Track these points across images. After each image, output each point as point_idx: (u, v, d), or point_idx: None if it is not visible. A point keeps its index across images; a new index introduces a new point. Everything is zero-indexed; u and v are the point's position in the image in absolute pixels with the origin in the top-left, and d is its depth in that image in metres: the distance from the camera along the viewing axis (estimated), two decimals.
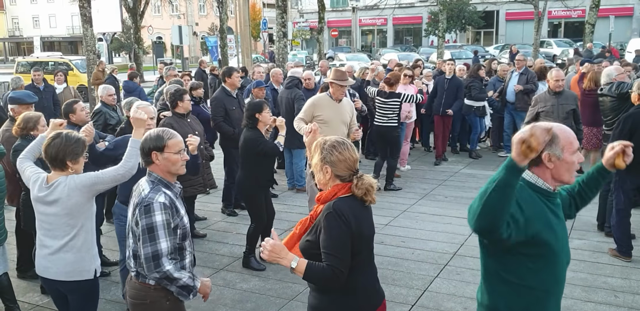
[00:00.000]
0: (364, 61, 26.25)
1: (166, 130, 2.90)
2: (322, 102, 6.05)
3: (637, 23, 38.07)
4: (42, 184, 3.30)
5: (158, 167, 2.87)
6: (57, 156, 3.23)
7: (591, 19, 18.84)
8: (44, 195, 3.29)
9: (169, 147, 2.84)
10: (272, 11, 35.67)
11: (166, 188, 2.86)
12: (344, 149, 2.59)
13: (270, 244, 2.44)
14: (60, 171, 3.29)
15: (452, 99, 9.09)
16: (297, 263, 2.44)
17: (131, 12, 29.04)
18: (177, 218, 2.83)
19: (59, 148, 3.22)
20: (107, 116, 6.78)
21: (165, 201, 2.76)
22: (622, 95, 5.55)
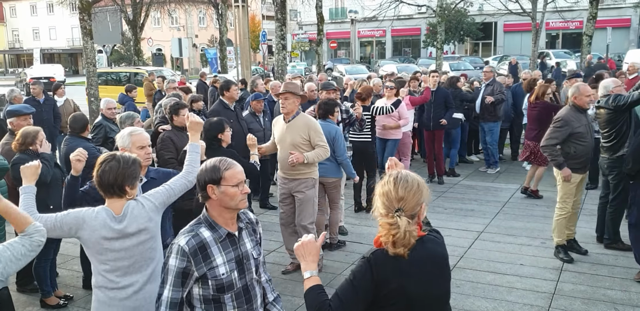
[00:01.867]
0: (363, 72, 26.38)
1: (223, 160, 2.55)
2: (277, 122, 5.60)
3: (635, 34, 38.30)
4: (111, 218, 2.85)
5: (215, 202, 2.51)
6: (116, 182, 2.85)
7: (588, 31, 18.94)
8: (122, 228, 2.86)
9: (226, 180, 2.48)
10: (271, 23, 35.92)
11: (208, 228, 2.51)
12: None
13: (309, 241, 2.30)
14: (118, 199, 2.89)
15: (441, 111, 8.77)
16: (310, 275, 2.27)
17: (131, 24, 29.22)
18: (204, 266, 2.44)
19: (117, 172, 2.84)
20: (108, 129, 6.80)
21: (187, 246, 2.42)
22: (619, 107, 5.57)
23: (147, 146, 3.62)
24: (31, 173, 3.05)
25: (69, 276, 5.60)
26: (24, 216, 2.51)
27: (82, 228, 2.82)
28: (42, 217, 2.81)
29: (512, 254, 5.87)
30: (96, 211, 2.85)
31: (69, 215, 2.84)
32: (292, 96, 5.28)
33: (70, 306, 4.93)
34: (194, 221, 2.57)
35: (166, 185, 3.14)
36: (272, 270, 5.52)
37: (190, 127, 3.48)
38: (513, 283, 5.16)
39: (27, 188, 3.03)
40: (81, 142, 5.31)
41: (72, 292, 5.17)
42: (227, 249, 2.51)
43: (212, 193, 2.49)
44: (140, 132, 3.64)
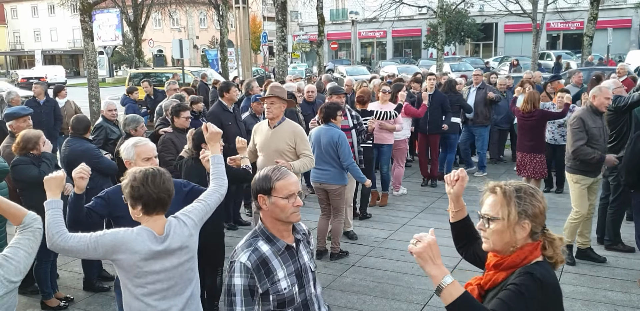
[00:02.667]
0: (364, 73, 26.38)
1: (277, 169, 2.40)
2: (259, 128, 5.36)
3: (636, 35, 38.29)
4: (152, 240, 2.62)
5: (267, 213, 2.40)
6: (160, 197, 2.61)
7: (589, 31, 18.96)
8: (165, 247, 2.64)
9: (277, 190, 2.36)
10: (272, 24, 35.94)
11: (266, 241, 2.39)
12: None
13: (434, 241, 1.94)
14: (158, 217, 2.66)
15: (438, 115, 8.57)
16: (452, 280, 1.88)
17: (132, 25, 29.28)
18: (267, 282, 2.33)
19: (162, 187, 2.61)
20: (108, 130, 6.83)
21: (249, 261, 2.29)
22: (620, 109, 5.58)
23: (153, 157, 3.38)
24: (56, 185, 2.72)
25: (70, 277, 5.61)
26: (18, 207, 2.45)
27: (120, 250, 2.56)
28: (74, 237, 2.56)
29: None
30: (136, 233, 2.60)
31: (105, 237, 2.57)
32: (278, 101, 5.04)
33: (71, 308, 4.94)
34: (250, 234, 2.44)
35: (202, 201, 2.93)
36: None
37: (210, 138, 3.26)
38: None
39: (53, 203, 2.68)
40: (83, 143, 5.33)
41: (72, 294, 5.18)
42: (287, 262, 2.40)
43: (262, 203, 2.39)
44: (145, 143, 3.39)
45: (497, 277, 2.05)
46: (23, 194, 4.81)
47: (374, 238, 6.50)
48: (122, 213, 3.05)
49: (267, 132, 5.12)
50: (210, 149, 3.28)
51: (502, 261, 2.04)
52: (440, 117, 8.58)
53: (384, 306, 4.81)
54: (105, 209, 3.26)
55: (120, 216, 3.14)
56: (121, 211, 3.05)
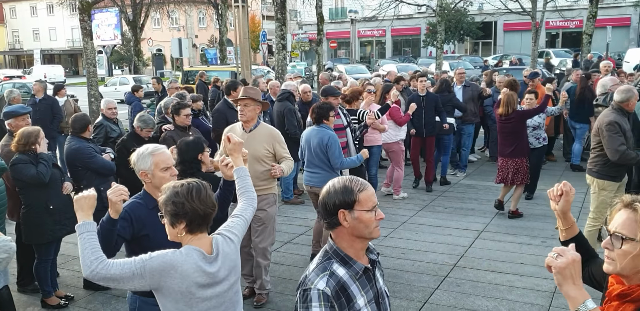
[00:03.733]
0: (363, 72, 26.37)
1: (355, 179, 2.12)
2: (232, 131, 4.83)
3: (635, 33, 38.28)
4: (203, 260, 2.34)
5: (346, 230, 2.07)
6: (207, 213, 2.35)
7: (588, 30, 18.95)
8: (218, 268, 2.38)
9: (361, 203, 2.05)
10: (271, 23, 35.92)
11: (342, 264, 2.06)
12: None
13: (578, 257, 1.71)
14: (202, 233, 2.40)
15: (433, 117, 8.32)
16: (594, 307, 1.67)
17: (131, 25, 29.24)
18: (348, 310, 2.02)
19: (207, 202, 2.35)
20: (108, 129, 6.85)
21: (328, 288, 1.98)
22: None
23: (172, 167, 3.02)
24: (89, 206, 2.42)
25: (70, 276, 5.61)
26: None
27: (169, 275, 2.26)
28: (116, 263, 2.26)
29: (512, 253, 5.86)
30: (185, 253, 2.31)
31: (152, 260, 2.27)
32: (252, 103, 4.73)
33: (71, 306, 4.94)
34: (320, 256, 2.12)
35: (240, 216, 2.70)
36: (273, 270, 5.53)
37: (233, 149, 3.00)
38: (513, 282, 5.16)
39: (87, 225, 2.37)
40: (78, 142, 5.31)
41: (73, 292, 5.18)
42: (365, 287, 2.10)
43: (343, 219, 2.05)
44: (163, 151, 3.02)
45: (623, 310, 1.80)
46: (22, 193, 4.81)
47: None
48: (146, 232, 2.86)
49: (243, 137, 4.64)
50: (233, 161, 3.01)
51: (631, 292, 1.78)
52: (434, 118, 8.35)
53: None
54: (129, 230, 2.85)
55: (143, 235, 2.87)
56: (146, 230, 2.85)
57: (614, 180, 5.24)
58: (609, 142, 5.08)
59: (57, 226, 4.84)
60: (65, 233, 4.95)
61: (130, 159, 3.04)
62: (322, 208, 2.10)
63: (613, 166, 5.18)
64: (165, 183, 2.76)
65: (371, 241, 2.12)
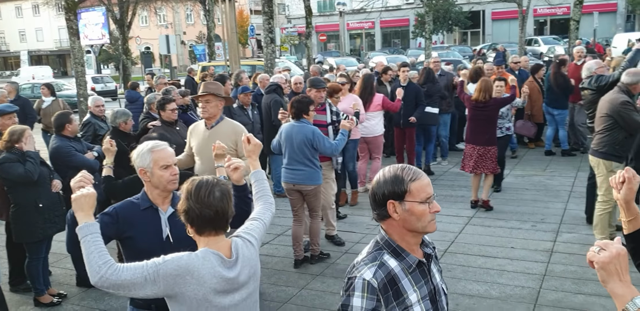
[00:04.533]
0: (353, 64, 26.33)
1: (407, 168, 1.96)
2: (195, 129, 4.78)
3: (621, 18, 38.40)
4: (221, 264, 2.15)
5: (396, 223, 1.93)
6: (225, 213, 2.18)
7: (575, 16, 18.99)
8: (235, 276, 2.19)
9: (412, 194, 1.89)
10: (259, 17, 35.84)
11: (394, 256, 1.92)
12: None
13: (623, 251, 1.56)
14: (219, 236, 2.22)
15: (413, 108, 8.15)
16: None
17: (118, 23, 29.03)
18: (396, 306, 1.87)
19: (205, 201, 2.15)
20: (97, 126, 6.83)
21: (374, 279, 1.84)
22: (601, 88, 5.62)
23: (172, 165, 2.77)
24: (89, 205, 2.23)
25: (62, 274, 5.61)
26: None
27: (185, 281, 2.08)
28: (127, 268, 2.09)
29: (502, 238, 5.91)
30: (202, 257, 2.12)
31: (166, 264, 2.08)
32: (214, 99, 4.59)
33: (64, 304, 4.94)
34: (371, 246, 1.98)
35: (259, 220, 2.52)
36: (266, 262, 5.55)
37: (253, 151, 2.83)
38: (504, 265, 5.20)
39: (90, 227, 2.18)
40: (62, 141, 5.26)
41: (65, 290, 5.18)
42: (419, 282, 1.94)
43: (393, 211, 1.91)
44: (164, 148, 2.79)
45: None
46: (10, 192, 4.80)
47: (366, 225, 6.53)
48: (132, 233, 2.67)
49: (204, 134, 4.58)
50: (251, 163, 2.82)
51: None
52: (414, 109, 8.17)
53: None
54: (113, 228, 2.64)
55: (130, 236, 2.68)
56: (132, 231, 2.67)
57: (620, 161, 5.22)
58: (630, 119, 5.11)
59: (47, 225, 4.83)
60: (56, 231, 4.94)
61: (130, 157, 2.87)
62: (371, 198, 1.96)
63: (620, 146, 5.19)
64: (164, 182, 2.70)
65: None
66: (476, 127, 6.73)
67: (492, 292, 4.69)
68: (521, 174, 8.50)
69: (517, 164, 9.14)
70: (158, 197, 2.75)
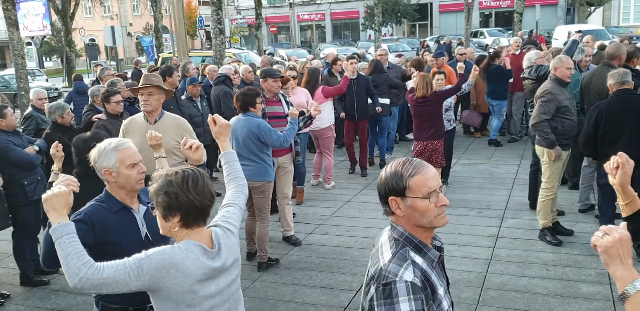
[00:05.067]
0: (304, 56, 26.29)
1: (409, 161, 1.90)
2: (132, 125, 4.52)
3: (562, 11, 39.76)
4: (205, 255, 2.13)
5: (402, 219, 1.89)
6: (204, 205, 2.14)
7: (519, 8, 19.63)
8: (222, 263, 2.19)
9: (412, 190, 1.84)
10: (208, 9, 35.26)
11: (416, 251, 1.87)
12: None
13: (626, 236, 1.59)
14: (199, 227, 2.18)
15: (366, 100, 8.02)
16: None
17: (60, 14, 28.00)
18: (433, 304, 1.82)
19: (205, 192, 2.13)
20: (39, 120, 6.60)
21: (416, 279, 1.77)
22: (540, 77, 5.84)
23: (139, 163, 2.70)
24: (62, 204, 2.13)
25: (5, 274, 5.42)
26: None
27: (169, 274, 2.05)
28: (108, 266, 2.03)
29: (450, 225, 5.98)
30: (185, 249, 2.09)
31: (150, 259, 2.04)
32: (156, 91, 4.37)
33: (7, 304, 4.78)
34: (392, 244, 1.89)
35: (234, 204, 2.45)
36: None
37: (220, 132, 2.68)
38: (452, 251, 5.34)
39: (65, 227, 2.09)
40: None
41: (9, 290, 5.00)
42: (440, 276, 1.93)
43: (396, 207, 1.87)
44: (129, 146, 2.70)
45: None
46: None
47: (319, 216, 6.58)
48: (110, 238, 2.57)
49: (146, 130, 4.13)
50: (220, 145, 2.71)
51: None
52: (366, 102, 8.07)
53: (329, 280, 4.90)
54: (90, 234, 2.50)
55: (108, 241, 2.57)
56: (110, 236, 2.57)
57: (564, 149, 5.33)
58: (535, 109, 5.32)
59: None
60: None
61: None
62: (378, 194, 1.92)
63: (559, 135, 5.28)
64: (132, 181, 2.62)
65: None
66: (422, 123, 6.62)
67: None
68: (468, 162, 8.73)
69: (464, 153, 9.37)
70: (126, 197, 2.69)
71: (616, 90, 4.80)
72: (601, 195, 4.97)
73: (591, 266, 4.88)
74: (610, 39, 22.38)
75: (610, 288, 4.48)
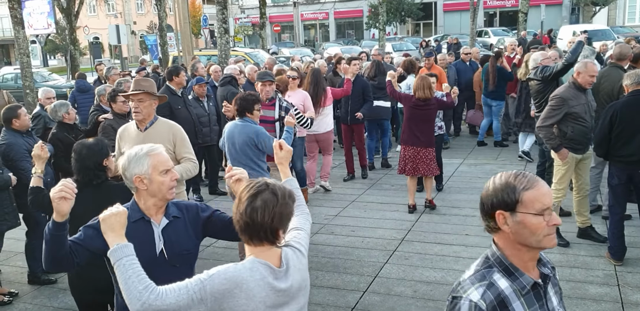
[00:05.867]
0: (308, 55, 26.28)
1: (521, 174, 1.76)
2: (125, 133, 4.33)
3: (567, 11, 39.65)
4: (272, 275, 1.98)
5: (507, 236, 1.74)
6: (271, 224, 1.97)
7: (524, 8, 19.59)
8: (289, 286, 2.02)
9: (525, 205, 1.69)
10: (212, 7, 35.27)
11: (505, 275, 1.74)
12: None
13: None
14: (268, 246, 2.02)
15: (360, 104, 7.81)
16: None
17: (65, 12, 28.03)
18: None
19: (274, 210, 1.97)
20: (47, 119, 6.64)
21: (482, 301, 1.67)
22: (546, 78, 5.84)
23: (171, 169, 2.51)
24: (120, 224, 2.08)
25: (13, 272, 5.43)
26: None
27: (233, 296, 1.90)
28: (170, 290, 1.91)
29: (457, 226, 6.07)
30: (249, 267, 1.95)
31: (212, 279, 1.90)
32: (147, 97, 4.14)
33: (16, 303, 4.80)
34: (480, 262, 1.80)
35: (303, 230, 2.30)
36: (224, 254, 5.52)
37: (283, 157, 2.56)
38: (459, 252, 5.34)
39: (124, 249, 2.02)
40: (14, 137, 5.00)
41: (17, 288, 5.02)
42: (532, 306, 1.75)
43: (503, 222, 1.73)
44: (161, 151, 2.51)
45: None
46: None
47: (324, 216, 6.57)
48: None
49: (138, 137, 4.15)
50: (281, 170, 2.59)
51: None
52: (361, 105, 7.84)
53: (336, 280, 4.90)
54: (99, 243, 2.31)
55: None
56: None
57: (577, 153, 5.26)
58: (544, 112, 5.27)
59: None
60: (7, 228, 4.78)
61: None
62: (480, 207, 1.80)
63: (569, 139, 5.21)
64: (165, 189, 2.44)
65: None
66: (412, 126, 6.34)
67: (448, 278, 4.81)
68: (474, 162, 8.72)
69: (470, 153, 9.37)
70: (153, 207, 2.48)
71: (632, 90, 4.78)
72: (612, 196, 4.95)
73: (599, 268, 4.87)
74: (615, 39, 22.34)
75: (618, 290, 4.48)
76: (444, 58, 10.30)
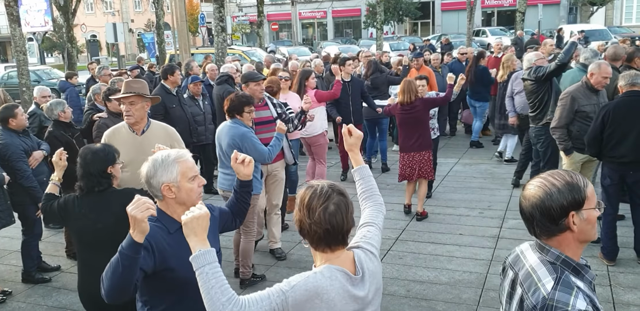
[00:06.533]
0: (306, 54, 26.29)
1: (571, 173, 1.77)
2: (116, 137, 4.07)
3: (564, 10, 39.70)
4: (348, 279, 1.92)
5: (571, 236, 1.75)
6: (348, 224, 1.94)
7: (521, 8, 19.58)
8: (365, 295, 1.96)
9: (590, 200, 1.73)
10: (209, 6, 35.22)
11: (575, 274, 1.74)
12: None
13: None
14: (341, 249, 1.96)
15: (360, 103, 7.74)
16: None
17: (62, 10, 27.93)
18: None
19: (348, 211, 1.96)
20: (42, 117, 6.60)
21: (589, 307, 1.64)
22: (539, 78, 5.85)
23: (199, 175, 2.46)
24: (203, 228, 1.94)
25: (7, 271, 5.43)
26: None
27: (313, 306, 1.85)
28: (253, 301, 1.83)
29: (451, 225, 6.08)
30: (328, 276, 1.88)
31: (295, 290, 1.84)
32: (139, 100, 4.00)
33: (9, 301, 4.80)
34: (548, 269, 1.75)
35: (374, 224, 2.24)
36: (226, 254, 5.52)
37: (353, 143, 2.46)
38: (453, 252, 5.36)
39: (207, 256, 1.88)
40: (11, 138, 4.98)
41: (10, 287, 5.02)
42: (598, 298, 1.80)
43: (571, 222, 1.72)
44: (188, 157, 2.43)
45: None
46: None
47: None
48: (170, 265, 2.31)
49: (134, 142, 4.00)
50: (352, 158, 2.47)
51: None
52: (362, 104, 7.77)
53: None
54: (151, 262, 2.23)
55: (168, 268, 2.31)
56: (169, 262, 2.31)
57: (578, 151, 5.30)
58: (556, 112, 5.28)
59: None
60: (1, 226, 4.79)
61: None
62: (544, 213, 1.73)
63: (575, 138, 5.25)
64: (194, 196, 2.36)
65: None
66: (408, 132, 6.24)
67: (441, 278, 4.83)
68: (469, 162, 8.74)
69: (465, 153, 9.38)
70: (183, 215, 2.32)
71: (626, 91, 4.79)
72: (605, 196, 4.96)
73: (592, 268, 4.88)
74: (612, 38, 22.39)
75: (610, 290, 4.49)
76: (437, 57, 10.30)
